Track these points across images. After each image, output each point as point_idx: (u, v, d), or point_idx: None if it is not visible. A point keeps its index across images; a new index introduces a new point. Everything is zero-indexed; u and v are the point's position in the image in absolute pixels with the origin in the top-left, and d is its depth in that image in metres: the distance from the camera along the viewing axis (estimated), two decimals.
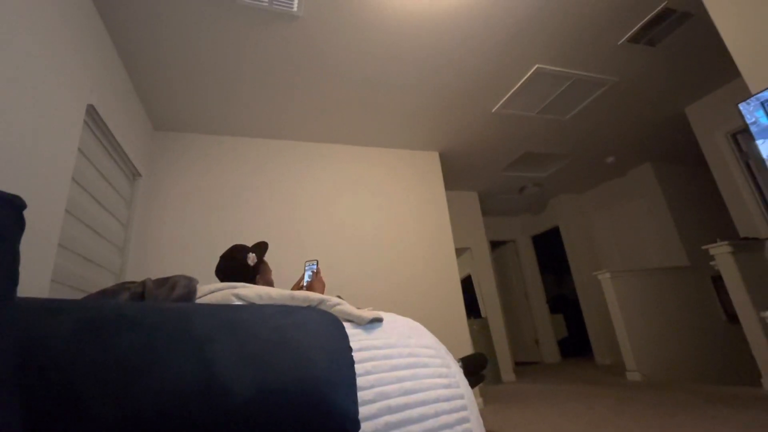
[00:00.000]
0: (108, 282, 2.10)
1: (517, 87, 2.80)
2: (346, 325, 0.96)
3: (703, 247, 2.97)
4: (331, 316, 0.80)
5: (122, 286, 0.98)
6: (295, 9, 1.91)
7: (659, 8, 2.19)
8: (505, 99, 2.94)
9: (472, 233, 4.75)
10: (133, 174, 2.45)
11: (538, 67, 2.59)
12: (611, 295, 3.62)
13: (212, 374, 0.53)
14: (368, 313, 1.05)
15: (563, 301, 6.33)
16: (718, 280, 3.91)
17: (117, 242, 2.23)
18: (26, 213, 1.24)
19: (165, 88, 2.40)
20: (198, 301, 1.02)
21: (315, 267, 1.72)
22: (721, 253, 2.78)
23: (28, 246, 1.28)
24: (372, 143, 3.45)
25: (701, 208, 4.49)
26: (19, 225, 0.59)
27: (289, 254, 2.86)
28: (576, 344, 5.91)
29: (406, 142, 3.52)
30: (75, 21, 1.60)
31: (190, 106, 2.62)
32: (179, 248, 2.62)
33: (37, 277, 1.33)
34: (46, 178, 1.39)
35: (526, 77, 2.70)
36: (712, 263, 2.91)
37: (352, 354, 0.72)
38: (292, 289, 1.71)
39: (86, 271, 1.83)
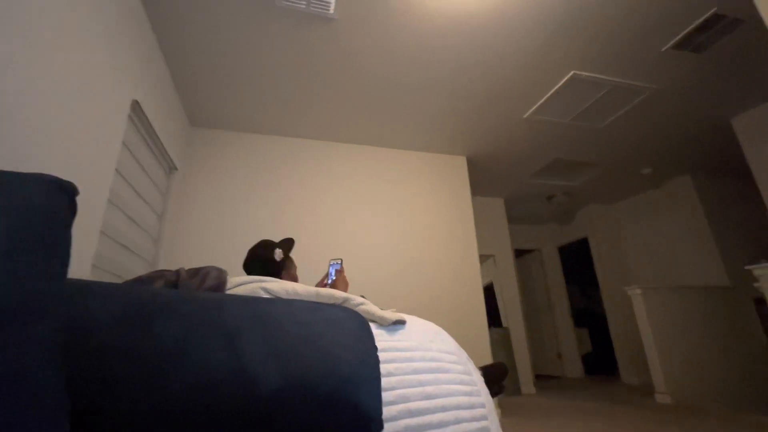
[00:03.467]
0: (142, 269, 2.20)
1: (551, 93, 2.73)
2: (369, 325, 0.96)
3: (746, 267, 2.80)
4: (357, 315, 0.80)
5: (158, 274, 1.03)
6: (331, 11, 1.95)
7: (708, 14, 2.09)
8: (537, 105, 2.87)
9: (497, 240, 4.67)
10: (170, 167, 2.55)
11: (574, 73, 2.53)
12: (641, 312, 3.47)
13: (242, 365, 0.55)
14: (391, 315, 1.05)
15: (589, 315, 6.11)
16: (760, 302, 3.67)
17: (152, 232, 2.33)
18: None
19: (203, 85, 2.49)
20: (227, 292, 1.05)
21: (339, 266, 1.73)
22: (766, 275, 2.61)
23: (74, 231, 1.35)
24: (400, 146, 3.46)
25: (744, 226, 4.23)
26: (72, 210, 0.63)
27: (314, 252, 2.90)
28: (601, 360, 5.69)
29: (434, 146, 3.50)
30: (125, 20, 1.69)
31: (226, 104, 2.71)
32: (210, 240, 2.71)
33: (80, 262, 1.41)
34: (92, 169, 1.47)
35: (561, 83, 2.63)
36: (755, 285, 2.74)
37: (377, 354, 0.73)
38: (316, 286, 1.73)
39: (123, 257, 1.93)
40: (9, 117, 1.03)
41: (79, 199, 1.37)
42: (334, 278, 1.71)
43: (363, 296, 1.24)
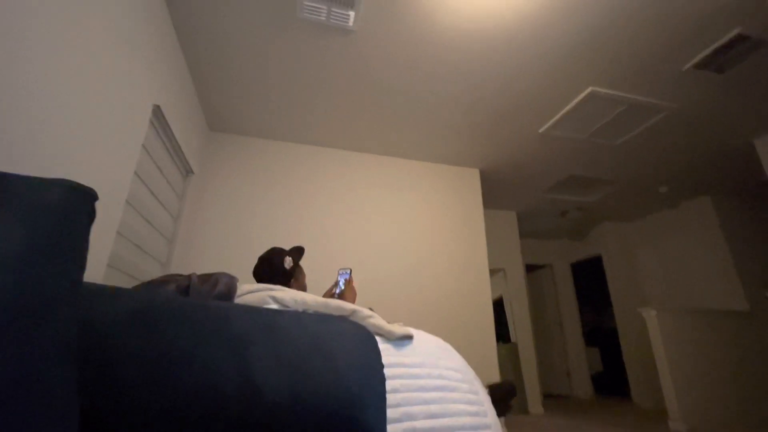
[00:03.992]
0: (155, 269, 2.23)
1: (567, 109, 2.71)
2: (377, 339, 0.96)
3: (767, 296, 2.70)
4: (365, 330, 0.80)
5: (170, 278, 1.04)
6: (350, 24, 1.98)
7: (732, 35, 2.06)
8: (554, 120, 2.85)
9: (508, 254, 4.62)
10: (187, 171, 2.60)
11: (592, 90, 2.51)
12: (656, 334, 3.37)
13: (250, 375, 0.55)
14: (399, 329, 1.04)
15: (600, 334, 5.97)
16: None
17: (166, 234, 2.36)
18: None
19: (223, 90, 2.55)
20: (237, 299, 1.06)
21: (348, 275, 1.73)
22: None
23: (91, 232, 1.38)
24: (414, 156, 3.46)
25: (765, 249, 4.10)
26: (91, 215, 0.64)
27: (323, 260, 2.91)
28: (611, 381, 5.53)
29: (448, 158, 3.50)
30: (150, 25, 1.74)
31: (244, 109, 2.76)
32: (222, 243, 2.74)
33: (95, 261, 1.44)
34: (113, 171, 1.51)
35: (578, 99, 2.61)
36: None
37: (384, 371, 0.72)
38: (324, 295, 1.73)
39: (137, 258, 1.96)
40: (33, 118, 1.06)
41: (98, 201, 1.41)
42: (342, 288, 1.70)
43: (371, 308, 1.24)
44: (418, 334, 1.12)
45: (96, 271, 1.45)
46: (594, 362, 5.55)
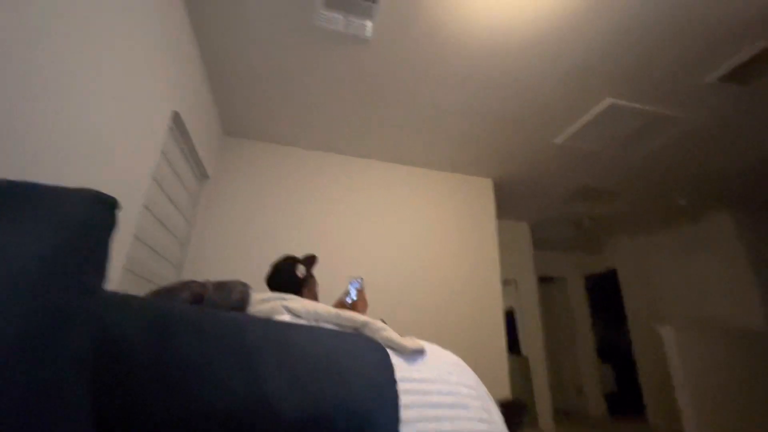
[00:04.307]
0: (169, 272, 2.26)
1: (585, 119, 2.68)
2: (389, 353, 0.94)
3: None
4: (379, 347, 0.79)
5: (185, 285, 1.05)
6: (368, 33, 1.99)
7: (758, 49, 2.01)
8: (571, 131, 2.82)
9: (520, 266, 4.55)
10: (202, 175, 2.64)
11: (610, 101, 2.47)
12: (673, 353, 3.27)
13: (262, 390, 0.54)
14: (411, 343, 1.03)
15: (614, 350, 5.80)
16: None
17: (181, 237, 2.40)
18: None
19: (239, 96, 2.59)
20: (249, 308, 1.06)
21: (359, 285, 1.72)
22: None
23: None
24: (427, 165, 3.46)
25: None
26: (113, 225, 0.65)
27: (334, 268, 2.90)
28: (625, 400, 5.37)
29: (461, 167, 3.48)
30: (170, 34, 1.78)
31: (260, 116, 2.80)
32: (235, 248, 2.76)
33: (111, 265, 1.46)
34: (131, 176, 1.54)
35: (596, 110, 2.57)
36: None
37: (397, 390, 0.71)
38: (334, 304, 1.72)
39: (152, 261, 1.99)
40: (58, 123, 1.09)
41: (120, 209, 1.43)
42: (353, 297, 1.70)
43: (383, 320, 1.22)
44: (431, 349, 1.10)
45: (112, 274, 1.47)
46: (607, 380, 5.40)
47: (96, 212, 0.59)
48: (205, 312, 0.68)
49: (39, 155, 1.02)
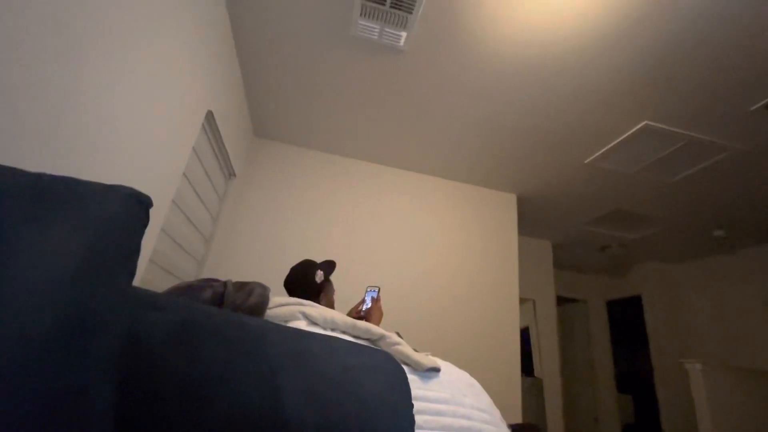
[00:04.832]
0: (192, 267, 2.31)
1: (618, 141, 2.59)
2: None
3: None
4: (396, 364, 0.77)
5: (207, 283, 1.06)
6: (401, 44, 2.00)
7: None
8: (602, 151, 2.74)
9: (539, 285, 4.43)
10: (230, 174, 2.70)
11: (646, 124, 2.38)
12: (700, 391, 3.09)
13: (278, 406, 0.54)
14: (427, 360, 1.01)
15: (635, 380, 5.56)
16: None
17: (205, 233, 2.45)
18: None
19: (272, 99, 2.64)
20: (268, 311, 1.06)
21: (376, 294, 1.71)
22: None
23: None
24: (452, 176, 3.42)
25: None
26: (145, 223, 0.66)
27: (352, 275, 2.90)
28: None
29: (486, 180, 3.43)
30: (211, 36, 1.83)
31: (289, 119, 2.84)
32: (257, 247, 2.81)
33: (139, 257, 1.51)
34: (163, 172, 1.58)
35: (630, 132, 2.49)
36: None
37: (413, 413, 0.69)
38: (350, 312, 1.72)
39: (176, 255, 2.04)
40: (100, 120, 1.13)
41: (152, 207, 1.48)
42: (369, 305, 1.69)
43: (399, 333, 1.21)
44: (446, 368, 1.08)
45: (138, 266, 1.51)
46: (626, 411, 5.16)
47: (132, 211, 0.60)
48: (230, 319, 0.68)
49: (82, 150, 1.06)
